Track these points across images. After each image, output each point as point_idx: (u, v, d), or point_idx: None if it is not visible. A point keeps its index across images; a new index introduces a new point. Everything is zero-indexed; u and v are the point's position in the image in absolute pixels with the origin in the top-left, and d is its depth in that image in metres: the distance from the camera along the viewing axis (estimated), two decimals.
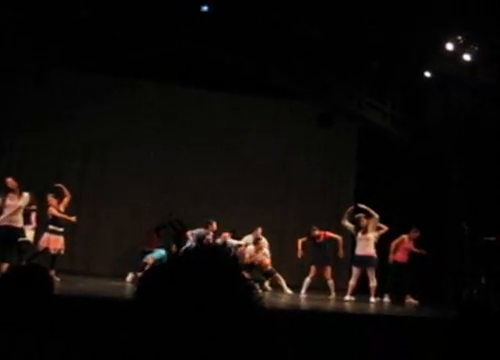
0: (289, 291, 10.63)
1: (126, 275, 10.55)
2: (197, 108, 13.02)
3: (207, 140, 13.00)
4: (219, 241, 10.93)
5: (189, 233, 10.77)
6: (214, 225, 10.94)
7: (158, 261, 10.25)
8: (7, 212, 8.82)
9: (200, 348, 0.94)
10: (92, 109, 12.55)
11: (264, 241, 11.09)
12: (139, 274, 9.00)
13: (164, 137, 12.87)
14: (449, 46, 10.80)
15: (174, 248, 10.73)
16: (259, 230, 11.16)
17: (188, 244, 10.52)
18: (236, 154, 13.10)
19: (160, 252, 10.84)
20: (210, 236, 10.78)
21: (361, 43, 11.40)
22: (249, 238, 11.15)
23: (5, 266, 8.07)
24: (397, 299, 10.46)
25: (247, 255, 10.75)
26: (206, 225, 10.87)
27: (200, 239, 10.67)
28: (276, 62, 11.70)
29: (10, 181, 8.97)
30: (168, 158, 12.80)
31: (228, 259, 1.03)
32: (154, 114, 12.85)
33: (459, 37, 10.70)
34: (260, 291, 10.44)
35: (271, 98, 13.08)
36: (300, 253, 10.92)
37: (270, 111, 13.36)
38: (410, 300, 10.56)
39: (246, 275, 1.06)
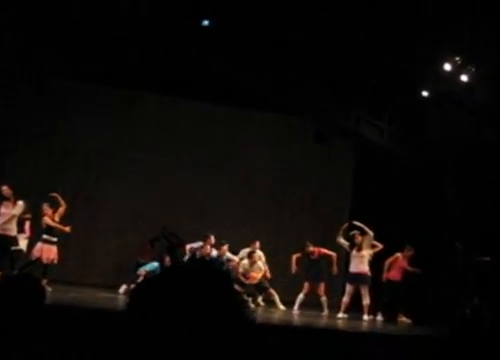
0: (282, 307, 10.58)
1: (119, 286, 10.50)
2: (196, 121, 13.05)
3: (206, 153, 13.01)
4: (216, 254, 10.89)
5: (188, 247, 10.75)
6: (212, 239, 10.88)
7: (151, 273, 10.25)
8: (1, 220, 8.80)
9: (189, 357, 0.94)
10: (90, 119, 12.56)
11: (259, 254, 11.03)
12: (132, 286, 8.96)
13: (163, 149, 12.88)
14: (447, 66, 10.89)
15: (167, 261, 10.70)
16: (257, 244, 11.12)
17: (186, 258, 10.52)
18: (233, 168, 13.12)
19: (153, 264, 10.82)
20: (207, 250, 10.73)
21: (359, 61, 11.48)
22: (245, 252, 11.11)
23: None
24: (390, 317, 10.43)
25: (240, 269, 10.71)
26: (204, 239, 10.84)
27: (193, 253, 10.66)
28: (274, 78, 11.75)
29: (5, 189, 8.96)
30: (166, 170, 12.78)
31: (220, 272, 1.04)
32: (153, 125, 12.87)
33: (457, 58, 10.79)
34: (253, 306, 10.39)
35: (269, 113, 13.12)
36: (294, 269, 10.89)
37: (268, 126, 13.39)
38: (403, 319, 10.53)
39: (239, 289, 1.06)
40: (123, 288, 10.44)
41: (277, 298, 10.72)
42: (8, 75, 11.29)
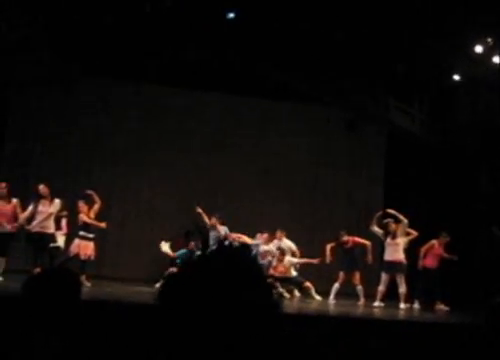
0: (318, 297, 10.56)
1: (155, 281, 10.62)
2: (229, 113, 13.11)
3: (238, 144, 13.07)
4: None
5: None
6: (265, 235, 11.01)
7: (179, 259, 10.38)
8: (39, 218, 8.99)
9: (221, 349, 0.95)
10: (120, 116, 12.73)
11: (285, 246, 11.00)
12: None
13: (192, 143, 12.96)
14: (478, 48, 10.66)
15: (192, 245, 10.83)
16: (278, 233, 11.11)
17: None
18: (267, 157, 13.14)
19: (181, 251, 10.86)
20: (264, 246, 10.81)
21: (389, 47, 11.32)
22: (274, 245, 11.07)
23: (37, 271, 8.21)
24: (427, 305, 10.33)
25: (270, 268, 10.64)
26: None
27: (221, 241, 10.68)
28: (305, 67, 11.70)
29: (42, 188, 9.15)
30: (197, 164, 12.87)
31: (248, 260, 1.04)
32: (179, 118, 12.94)
33: (488, 39, 10.55)
34: (288, 297, 10.41)
35: (301, 103, 13.07)
36: (328, 259, 10.85)
37: (300, 116, 13.35)
38: (440, 306, 10.41)
39: (274, 283, 1.07)
40: (161, 283, 10.56)
41: (313, 290, 10.69)
42: (38, 75, 11.48)
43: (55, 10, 10.21)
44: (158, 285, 10.53)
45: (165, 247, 10.89)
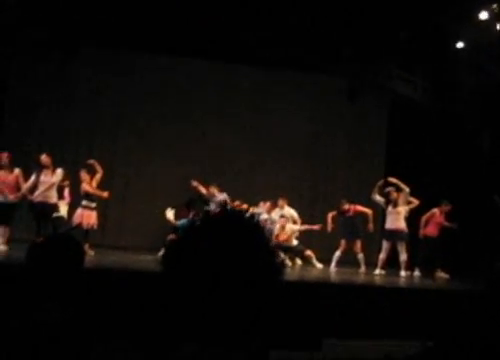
0: (319, 265, 10.64)
1: (158, 250, 10.69)
2: (225, 82, 13.00)
3: (238, 115, 13.01)
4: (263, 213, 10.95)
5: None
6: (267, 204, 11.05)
7: (180, 229, 10.42)
8: (41, 188, 9.01)
9: (223, 314, 0.96)
10: (123, 86, 12.65)
11: (287, 214, 11.02)
12: None
13: (193, 114, 12.90)
14: (483, 15, 10.50)
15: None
16: (280, 201, 11.12)
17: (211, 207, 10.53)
18: (266, 128, 13.10)
19: (182, 221, 10.89)
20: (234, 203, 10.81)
21: (390, 13, 11.15)
22: (277, 214, 11.09)
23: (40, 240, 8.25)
24: (428, 273, 10.42)
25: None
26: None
27: (222, 204, 10.69)
28: (304, 35, 11.55)
29: (44, 158, 9.14)
30: (198, 134, 12.84)
31: (250, 223, 1.04)
32: (180, 89, 12.86)
33: (494, 5, 10.38)
34: (290, 265, 10.49)
35: (302, 72, 12.94)
36: (330, 227, 10.91)
37: (301, 85, 13.24)
38: (441, 274, 10.50)
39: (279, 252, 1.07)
40: (163, 251, 10.62)
41: (314, 258, 10.76)
42: (39, 40, 11.33)
43: None
44: (160, 253, 10.62)
45: (169, 214, 10.91)
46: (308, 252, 10.73)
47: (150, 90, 12.79)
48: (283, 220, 10.66)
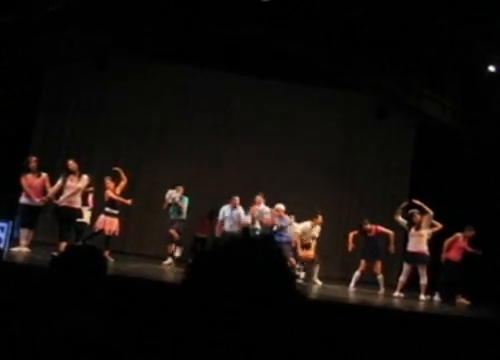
0: (319, 282, 10.57)
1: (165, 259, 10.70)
2: (257, 97, 13.06)
3: (268, 130, 13.05)
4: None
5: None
6: (236, 200, 10.94)
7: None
8: (67, 193, 9.13)
9: (243, 335, 0.97)
10: (151, 93, 12.81)
11: (316, 232, 10.98)
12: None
13: (220, 124, 12.99)
14: None
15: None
16: (258, 198, 10.89)
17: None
18: (295, 144, 13.10)
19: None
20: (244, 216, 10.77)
21: (422, 35, 11.12)
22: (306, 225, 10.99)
23: (63, 245, 8.37)
24: (448, 298, 10.27)
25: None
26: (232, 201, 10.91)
27: (246, 228, 10.66)
28: (337, 54, 11.58)
29: (71, 163, 9.28)
30: (223, 144, 12.91)
31: (272, 248, 1.06)
32: (211, 101, 12.96)
33: None
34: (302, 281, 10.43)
35: (332, 89, 12.95)
36: (351, 246, 10.85)
37: (331, 102, 13.25)
38: (461, 300, 10.33)
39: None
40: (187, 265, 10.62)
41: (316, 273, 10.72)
42: (71, 51, 11.57)
43: None
44: (165, 262, 10.58)
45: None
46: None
47: (178, 98, 12.92)
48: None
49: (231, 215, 10.82)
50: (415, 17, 10.74)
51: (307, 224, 10.89)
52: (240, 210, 10.86)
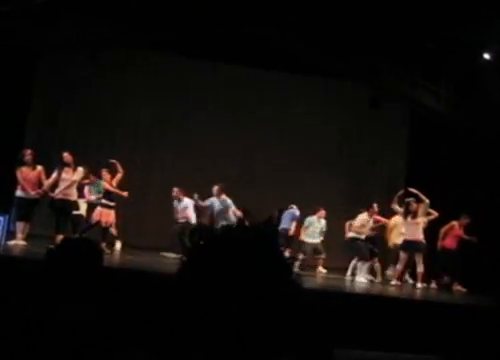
0: (323, 270, 10.69)
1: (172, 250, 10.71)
2: (247, 87, 13.03)
3: (261, 120, 13.04)
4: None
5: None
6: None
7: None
8: (62, 185, 9.12)
9: (238, 323, 0.97)
10: (145, 86, 12.76)
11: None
12: None
13: (213, 116, 12.97)
14: None
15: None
16: (322, 212, 11.14)
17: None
18: (288, 133, 13.11)
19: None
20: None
21: (416, 23, 11.08)
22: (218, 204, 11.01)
23: (60, 237, 8.36)
24: (444, 286, 10.32)
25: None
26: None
27: (240, 219, 10.68)
28: (328, 43, 11.55)
29: (66, 155, 9.26)
30: (217, 136, 12.89)
31: (268, 236, 1.06)
32: (205, 92, 12.93)
33: None
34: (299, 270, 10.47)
35: (325, 78, 12.94)
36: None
37: (324, 91, 13.25)
38: (458, 288, 10.39)
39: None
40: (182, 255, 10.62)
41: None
42: (63, 44, 11.50)
43: None
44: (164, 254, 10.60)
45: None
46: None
47: (173, 90, 12.87)
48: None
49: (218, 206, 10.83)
50: (408, 7, 10.70)
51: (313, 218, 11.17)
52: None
